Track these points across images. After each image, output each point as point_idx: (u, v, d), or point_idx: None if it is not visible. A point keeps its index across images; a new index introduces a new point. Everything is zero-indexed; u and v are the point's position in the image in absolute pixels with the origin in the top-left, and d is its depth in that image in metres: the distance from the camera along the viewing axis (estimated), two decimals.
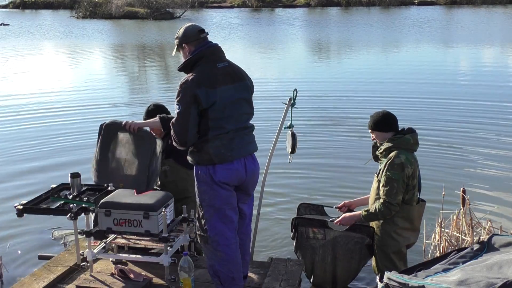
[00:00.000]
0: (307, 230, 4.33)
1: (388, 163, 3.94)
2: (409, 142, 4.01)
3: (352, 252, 4.26)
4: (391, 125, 4.08)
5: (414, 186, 4.01)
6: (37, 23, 37.40)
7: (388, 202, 3.92)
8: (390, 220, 4.03)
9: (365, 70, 16.31)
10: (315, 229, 4.30)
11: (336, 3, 48.86)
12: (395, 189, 3.90)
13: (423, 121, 9.72)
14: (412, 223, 4.08)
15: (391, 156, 3.96)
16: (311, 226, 4.32)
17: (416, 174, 4.02)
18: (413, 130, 4.10)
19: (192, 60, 3.59)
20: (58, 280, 4.14)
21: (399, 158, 3.92)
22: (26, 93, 13.49)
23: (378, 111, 4.16)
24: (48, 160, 8.07)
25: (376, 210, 3.99)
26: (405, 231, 4.06)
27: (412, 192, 4.01)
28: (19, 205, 4.08)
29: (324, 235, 4.28)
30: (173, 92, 12.97)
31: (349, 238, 4.23)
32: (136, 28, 33.95)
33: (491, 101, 11.52)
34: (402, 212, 4.00)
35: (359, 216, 4.09)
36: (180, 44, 3.66)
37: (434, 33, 27.11)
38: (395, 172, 3.90)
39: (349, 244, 4.25)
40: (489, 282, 2.67)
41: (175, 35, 3.69)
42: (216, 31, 29.25)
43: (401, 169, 3.90)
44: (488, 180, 6.96)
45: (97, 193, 4.22)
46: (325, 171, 7.45)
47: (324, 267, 4.35)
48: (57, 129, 9.91)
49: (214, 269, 3.72)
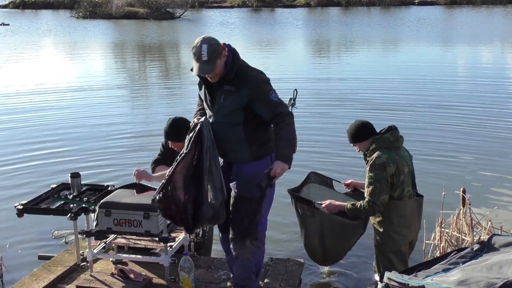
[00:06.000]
0: (296, 205, 4.41)
1: (370, 164, 4.05)
2: (388, 140, 4.09)
3: (341, 232, 4.28)
4: (367, 132, 4.18)
5: (402, 183, 4.06)
6: (37, 23, 37.39)
7: (372, 202, 4.01)
8: (387, 219, 4.07)
9: (365, 70, 16.31)
10: (304, 206, 4.36)
11: (336, 3, 48.90)
12: (378, 189, 3.98)
13: (423, 121, 9.73)
14: (406, 218, 4.11)
15: (372, 157, 4.06)
16: (300, 203, 4.39)
17: (402, 171, 4.05)
18: (393, 128, 4.16)
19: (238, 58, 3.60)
20: (58, 280, 4.15)
21: (380, 158, 4.01)
22: (25, 93, 13.49)
23: (351, 124, 4.26)
24: (48, 160, 8.06)
25: (361, 206, 4.06)
26: (402, 229, 4.09)
27: (401, 188, 4.06)
28: (19, 205, 4.08)
29: (312, 212, 4.32)
30: (173, 92, 13.05)
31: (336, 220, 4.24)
32: (136, 28, 33.95)
33: (491, 101, 11.53)
34: (395, 209, 4.05)
35: (344, 207, 4.16)
36: (219, 53, 3.51)
37: (434, 33, 27.12)
38: (376, 173, 4.00)
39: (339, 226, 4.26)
40: (489, 282, 2.67)
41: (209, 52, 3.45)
42: (216, 31, 29.27)
43: (383, 169, 3.99)
44: (488, 180, 6.96)
45: (97, 193, 4.22)
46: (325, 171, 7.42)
47: (314, 241, 4.42)
48: (57, 129, 9.91)
49: (258, 265, 3.83)
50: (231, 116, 3.58)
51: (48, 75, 16.39)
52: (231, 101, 3.54)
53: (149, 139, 8.67)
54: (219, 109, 3.59)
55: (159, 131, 4.49)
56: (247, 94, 3.52)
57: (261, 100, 3.55)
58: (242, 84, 3.53)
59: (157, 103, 12.37)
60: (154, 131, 9.02)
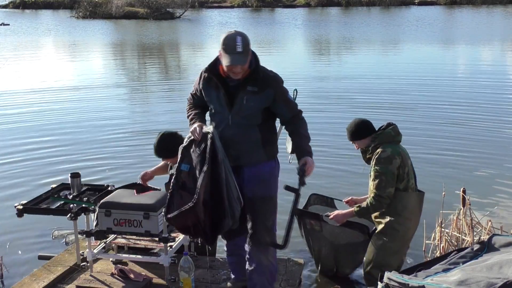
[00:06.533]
0: (304, 221, 4.45)
1: (376, 158, 4.06)
2: (390, 135, 4.12)
3: (352, 245, 4.33)
4: (367, 129, 4.20)
5: (407, 174, 4.07)
6: (37, 23, 37.38)
7: (379, 195, 4.00)
8: (392, 211, 4.05)
9: (365, 69, 16.29)
10: (312, 221, 4.41)
11: (336, 3, 48.91)
12: (384, 182, 3.99)
13: (423, 121, 9.73)
14: (412, 213, 4.11)
15: (377, 152, 4.07)
16: (308, 218, 4.44)
17: (407, 163, 4.08)
18: (392, 124, 4.20)
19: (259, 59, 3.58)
20: (58, 280, 4.15)
21: (385, 152, 4.03)
22: (25, 93, 13.49)
23: (350, 123, 4.27)
24: (48, 160, 8.06)
25: (367, 204, 4.07)
26: (406, 220, 4.09)
27: (407, 179, 4.07)
28: (19, 205, 4.08)
29: (320, 227, 4.38)
30: (173, 92, 13.04)
31: (347, 232, 4.31)
32: (136, 28, 33.94)
33: (492, 100, 11.53)
34: (401, 200, 4.06)
35: (352, 212, 4.17)
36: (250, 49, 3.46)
37: (434, 33, 27.11)
38: (382, 166, 4.00)
39: (347, 238, 4.33)
40: (489, 282, 2.68)
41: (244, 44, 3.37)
42: (216, 31, 29.25)
43: (389, 162, 4.00)
44: (488, 180, 6.95)
45: (97, 193, 4.23)
46: (326, 171, 7.42)
47: (325, 256, 4.48)
48: (57, 129, 9.90)
49: (276, 268, 3.85)
50: (252, 117, 3.52)
51: (48, 75, 16.37)
52: (255, 101, 3.48)
53: (149, 139, 8.64)
54: (240, 110, 3.49)
55: (159, 131, 4.49)
56: (271, 94, 3.50)
57: (283, 100, 3.57)
58: (265, 85, 3.48)
59: (158, 103, 12.35)
60: (154, 131, 9.00)
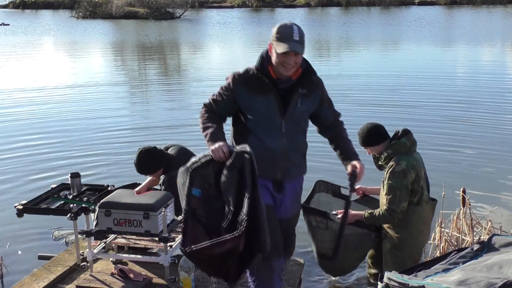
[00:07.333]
0: (310, 218, 4.30)
1: (390, 172, 3.95)
2: (405, 145, 4.00)
3: (357, 243, 4.24)
4: (380, 136, 4.08)
5: (422, 188, 4.01)
6: (37, 23, 37.37)
7: (392, 209, 3.94)
8: (405, 224, 4.00)
9: (365, 69, 16.29)
10: (318, 218, 4.28)
11: (336, 3, 48.88)
12: (398, 197, 3.91)
13: (423, 121, 9.72)
14: (426, 224, 4.10)
15: (391, 164, 3.96)
16: (313, 215, 4.29)
17: (421, 176, 4.01)
18: (408, 131, 4.08)
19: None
20: (58, 280, 4.14)
21: (400, 165, 3.93)
22: (25, 92, 13.47)
23: (363, 127, 4.13)
24: (48, 160, 8.05)
25: (379, 214, 4.00)
26: (419, 234, 4.06)
27: (421, 193, 4.01)
28: (19, 205, 4.08)
29: (326, 224, 4.26)
30: (173, 92, 13.03)
31: (353, 230, 4.19)
32: (136, 28, 33.94)
33: (491, 100, 11.51)
34: (413, 214, 3.99)
35: (361, 216, 4.10)
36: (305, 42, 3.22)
37: (434, 32, 27.10)
38: (396, 180, 3.91)
39: (353, 236, 4.21)
40: (489, 282, 2.67)
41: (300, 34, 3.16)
42: (216, 31, 29.26)
43: (403, 176, 3.91)
44: (488, 180, 6.95)
45: (97, 193, 4.23)
46: (329, 166, 7.38)
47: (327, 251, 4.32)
48: (57, 129, 9.90)
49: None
50: (303, 122, 3.31)
51: (48, 75, 16.37)
52: (307, 105, 3.27)
53: (150, 139, 8.65)
54: (294, 114, 3.22)
55: (160, 131, 4.49)
56: (319, 96, 3.33)
57: (327, 102, 3.42)
58: (313, 86, 3.29)
59: (158, 103, 12.33)
60: (154, 131, 9.00)
